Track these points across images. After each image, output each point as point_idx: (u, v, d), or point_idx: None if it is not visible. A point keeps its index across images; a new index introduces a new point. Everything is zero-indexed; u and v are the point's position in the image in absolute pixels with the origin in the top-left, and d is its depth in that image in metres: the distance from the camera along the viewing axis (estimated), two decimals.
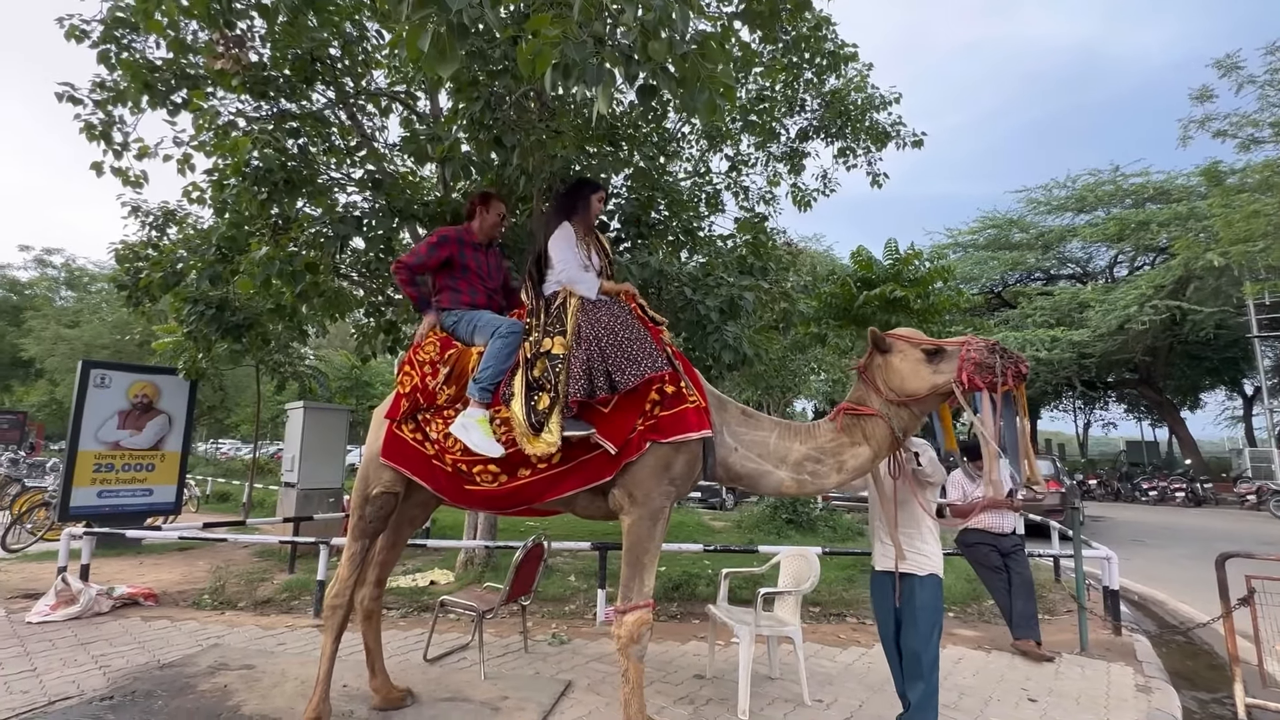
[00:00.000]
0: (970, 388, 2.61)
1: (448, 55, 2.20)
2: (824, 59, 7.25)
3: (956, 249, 27.15)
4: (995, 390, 2.55)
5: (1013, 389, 2.60)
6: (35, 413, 24.68)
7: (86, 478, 8.04)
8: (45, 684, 3.69)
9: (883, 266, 7.66)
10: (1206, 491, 18.86)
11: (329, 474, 8.38)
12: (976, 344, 2.66)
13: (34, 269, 29.88)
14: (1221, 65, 13.27)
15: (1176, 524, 13.95)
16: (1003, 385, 2.57)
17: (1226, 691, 3.98)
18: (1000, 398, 2.56)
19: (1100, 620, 5.29)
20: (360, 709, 3.36)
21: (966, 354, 2.64)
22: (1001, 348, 2.63)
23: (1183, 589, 6.97)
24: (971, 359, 2.62)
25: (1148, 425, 33.32)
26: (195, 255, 5.78)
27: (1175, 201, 21.11)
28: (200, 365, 8.29)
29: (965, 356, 2.64)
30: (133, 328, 14.39)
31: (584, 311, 2.98)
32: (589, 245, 3.24)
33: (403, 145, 4.97)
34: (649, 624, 2.72)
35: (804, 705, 3.52)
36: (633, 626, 2.67)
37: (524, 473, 2.83)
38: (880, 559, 3.11)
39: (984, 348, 2.63)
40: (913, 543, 3.02)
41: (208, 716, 3.23)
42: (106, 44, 5.04)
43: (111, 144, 5.42)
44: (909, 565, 2.99)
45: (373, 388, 24.04)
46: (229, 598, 5.72)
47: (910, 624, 2.93)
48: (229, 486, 16.60)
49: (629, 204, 5.96)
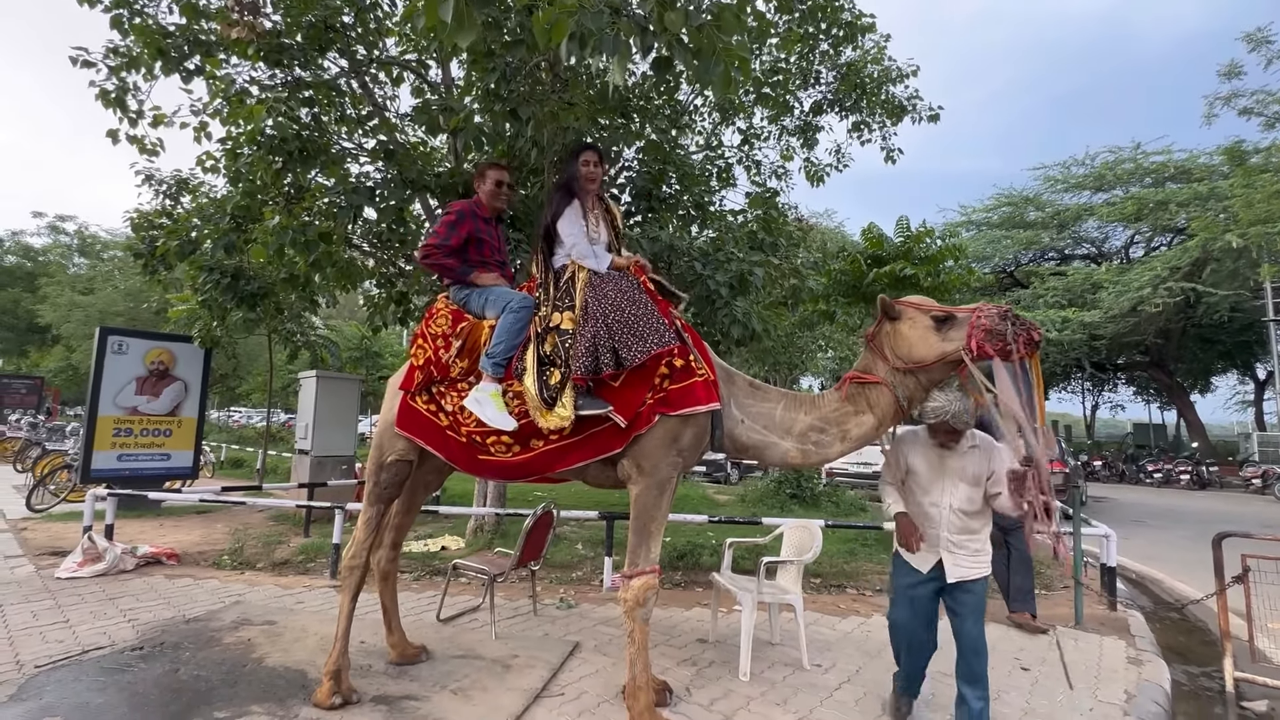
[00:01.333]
0: (979, 355, 2.55)
1: (466, 24, 2.21)
2: (841, 29, 7.12)
3: (970, 227, 26.80)
4: (1008, 358, 2.49)
5: (1025, 357, 2.53)
6: (52, 378, 25.08)
7: (106, 442, 8.24)
8: (78, 634, 3.87)
9: (893, 244, 7.61)
10: (1212, 475, 18.86)
11: (341, 442, 8.54)
12: (988, 311, 2.60)
13: (47, 235, 30.07)
14: (1251, 39, 12.88)
15: (1179, 506, 14.00)
16: (1017, 354, 2.50)
17: (1217, 666, 4.07)
18: (1016, 366, 2.51)
19: (1097, 596, 5.39)
20: (378, 663, 3.51)
21: (977, 321, 2.58)
22: (1014, 314, 2.56)
23: (1180, 569, 7.06)
24: (982, 326, 2.56)
25: (1156, 408, 33.18)
26: (210, 224, 5.84)
27: (1196, 181, 20.68)
28: (215, 333, 8.42)
29: (975, 323, 2.58)
30: (149, 295, 14.54)
31: (591, 286, 2.99)
32: (596, 216, 3.24)
33: (415, 116, 4.97)
34: (655, 589, 2.80)
35: (803, 669, 3.65)
36: (639, 591, 2.75)
37: (536, 444, 2.91)
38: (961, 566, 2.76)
39: (995, 314, 2.57)
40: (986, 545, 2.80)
41: (234, 667, 3.39)
42: (119, 8, 5.04)
43: (127, 111, 5.45)
44: (981, 567, 2.77)
45: (382, 358, 24.24)
46: (248, 558, 5.91)
47: (975, 621, 2.73)
48: (242, 453, 16.92)
49: (640, 177, 5.95)
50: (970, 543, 2.76)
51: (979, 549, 2.77)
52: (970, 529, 2.75)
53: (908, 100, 7.71)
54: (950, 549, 2.75)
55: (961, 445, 2.78)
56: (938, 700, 3.33)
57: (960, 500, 2.75)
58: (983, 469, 2.74)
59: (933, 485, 2.81)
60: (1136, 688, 3.61)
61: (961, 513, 2.74)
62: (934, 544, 2.78)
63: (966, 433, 2.77)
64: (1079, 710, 3.30)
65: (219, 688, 3.14)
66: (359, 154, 5.58)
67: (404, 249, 6.55)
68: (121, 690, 3.09)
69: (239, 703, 2.98)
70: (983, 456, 2.75)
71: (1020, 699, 3.41)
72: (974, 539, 2.76)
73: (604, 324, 2.84)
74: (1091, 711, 3.29)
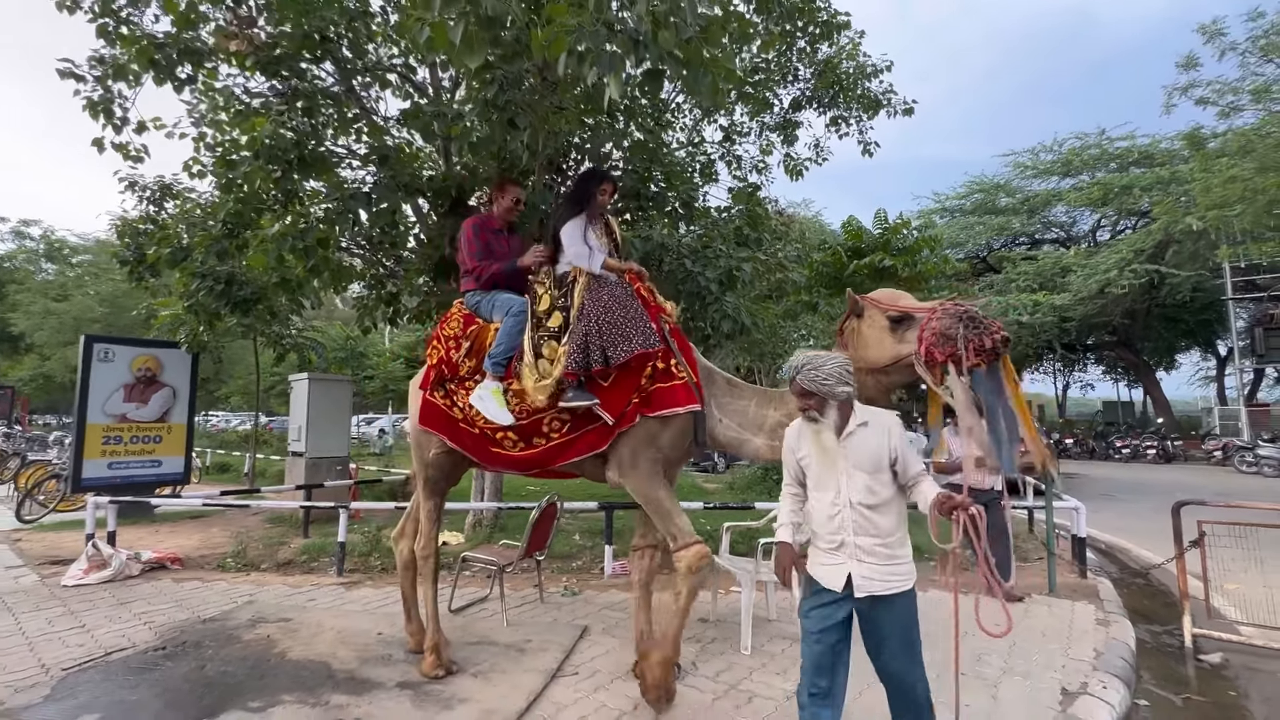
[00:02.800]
0: (928, 360, 2.36)
1: (476, 47, 2.35)
2: (817, 28, 7.32)
3: (944, 214, 27.37)
4: (959, 366, 2.26)
5: (979, 364, 2.29)
6: (22, 387, 24.47)
7: (96, 450, 8.21)
8: (97, 638, 3.96)
9: (872, 235, 7.89)
10: (1176, 449, 19.68)
11: (335, 443, 8.60)
12: (944, 311, 2.39)
13: (10, 241, 29.17)
14: (1205, 30, 13.36)
15: (1146, 479, 14.64)
16: (967, 360, 2.25)
17: (1178, 624, 4.41)
18: (969, 372, 2.29)
19: (1068, 565, 5.74)
20: (397, 652, 3.67)
21: (928, 322, 2.39)
22: (971, 315, 2.33)
23: (1145, 538, 7.47)
24: (932, 328, 2.36)
25: (1124, 386, 34.31)
26: (199, 230, 5.86)
27: (1159, 165, 21.41)
28: (202, 338, 8.40)
29: (926, 325, 2.39)
30: (133, 301, 14.35)
31: (590, 289, 3.18)
32: (598, 230, 3.44)
33: (406, 120, 5.06)
34: (707, 556, 2.95)
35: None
36: (692, 559, 2.90)
37: (539, 441, 3.15)
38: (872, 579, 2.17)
39: (950, 315, 2.35)
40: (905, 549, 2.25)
41: (258, 662, 3.53)
42: (104, 17, 5.03)
43: (112, 119, 5.44)
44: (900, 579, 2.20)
45: (368, 358, 24.09)
46: (251, 560, 6.00)
47: (905, 656, 2.24)
48: (228, 458, 16.77)
49: (628, 177, 6.10)
50: (880, 546, 2.18)
51: (894, 554, 2.18)
52: (877, 529, 2.19)
53: (883, 95, 7.95)
54: (858, 556, 2.18)
55: (849, 424, 2.26)
56: None
57: (859, 492, 2.19)
58: (881, 451, 2.21)
59: (827, 478, 2.27)
60: (1105, 646, 3.92)
61: (864, 508, 2.19)
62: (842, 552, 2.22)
63: (854, 408, 2.28)
64: (1053, 668, 3.59)
65: (247, 681, 3.28)
66: (351, 159, 5.66)
67: (394, 250, 6.63)
68: (153, 687, 3.21)
69: (270, 693, 3.13)
70: (877, 435, 2.24)
71: (999, 660, 3.69)
72: (884, 542, 2.18)
73: (596, 324, 3.03)
74: (1064, 668, 3.59)
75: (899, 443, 2.23)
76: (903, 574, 2.20)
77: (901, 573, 2.20)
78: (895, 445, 2.22)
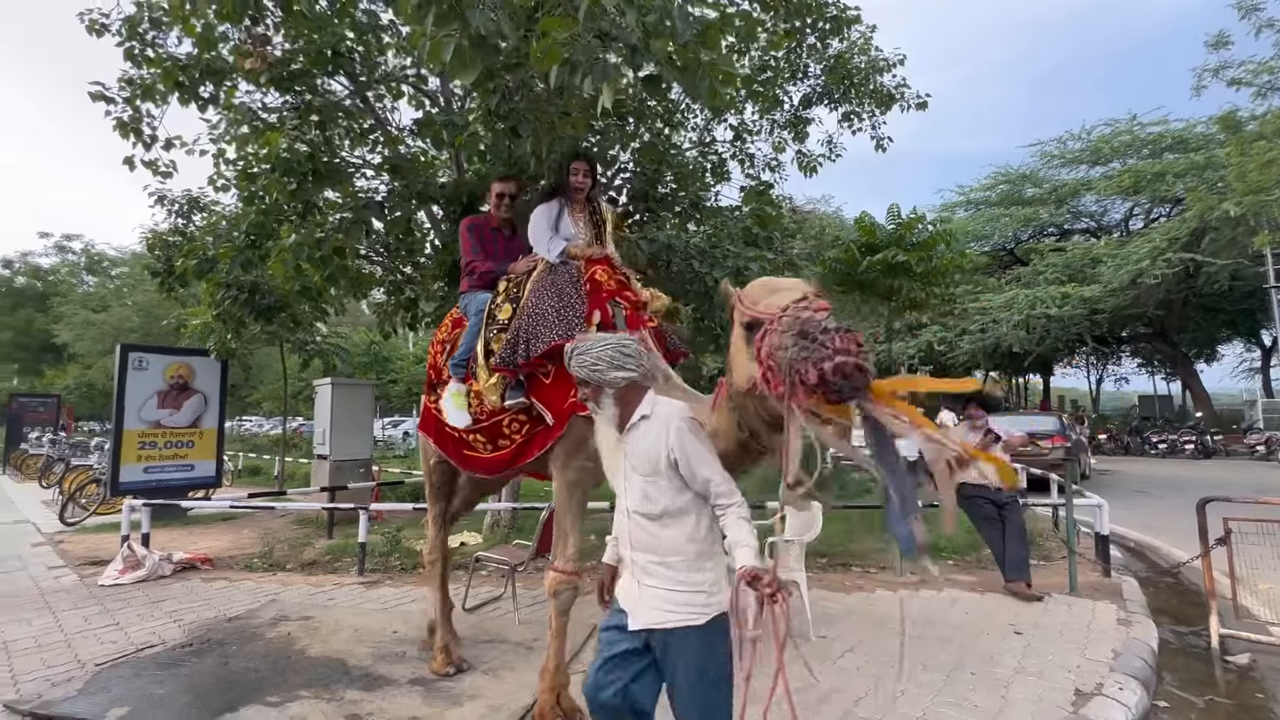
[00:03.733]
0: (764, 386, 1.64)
1: (468, 64, 2.42)
2: (826, 23, 7.27)
3: (968, 206, 26.85)
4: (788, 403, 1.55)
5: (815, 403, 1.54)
6: (67, 395, 25.52)
7: (133, 455, 8.54)
8: (130, 635, 4.15)
9: (886, 231, 7.81)
10: (1216, 443, 18.98)
11: (358, 446, 8.82)
12: (790, 317, 1.61)
13: (55, 255, 30.47)
14: (1241, 6, 12.90)
15: (1182, 475, 14.16)
16: (789, 395, 1.53)
17: (1205, 624, 4.28)
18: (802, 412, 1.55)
19: (1092, 564, 5.61)
20: (411, 650, 3.77)
21: (764, 336, 1.65)
22: (809, 325, 1.55)
23: (1176, 535, 7.24)
24: (768, 345, 1.62)
25: (1161, 380, 33.23)
26: (224, 242, 6.08)
27: (1194, 150, 20.69)
28: (230, 345, 8.69)
29: (763, 339, 1.65)
30: (165, 311, 14.93)
31: (538, 280, 3.07)
32: (578, 215, 3.32)
33: (419, 130, 5.18)
34: (568, 583, 2.76)
35: (809, 640, 3.89)
36: (553, 581, 2.75)
37: (503, 442, 3.12)
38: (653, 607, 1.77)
39: (787, 325, 1.59)
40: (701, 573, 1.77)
41: (279, 658, 3.66)
42: (131, 40, 5.26)
43: (141, 138, 5.68)
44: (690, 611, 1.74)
45: (391, 363, 24.57)
46: (277, 560, 6.19)
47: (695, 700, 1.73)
48: (259, 461, 17.25)
49: (636, 178, 6.14)
50: (660, 567, 1.76)
51: (680, 579, 1.74)
52: (658, 544, 1.77)
53: (895, 89, 7.86)
54: (638, 576, 1.81)
55: (634, 416, 1.89)
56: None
57: (635, 498, 1.82)
58: (657, 450, 1.79)
59: (616, 480, 1.91)
60: (1124, 646, 3.84)
61: (640, 518, 1.81)
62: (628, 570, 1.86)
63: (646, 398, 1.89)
64: (1067, 668, 3.53)
65: (268, 677, 3.40)
66: (365, 169, 5.81)
67: (411, 257, 6.78)
68: (179, 682, 3.35)
69: (288, 689, 3.24)
70: (656, 431, 1.82)
71: (1013, 660, 3.63)
72: (665, 562, 1.76)
73: (528, 317, 2.92)
74: (1079, 669, 3.52)
75: (680, 441, 1.75)
76: (695, 605, 1.72)
77: (693, 603, 1.72)
78: (674, 444, 1.75)
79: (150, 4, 4.76)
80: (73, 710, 3.04)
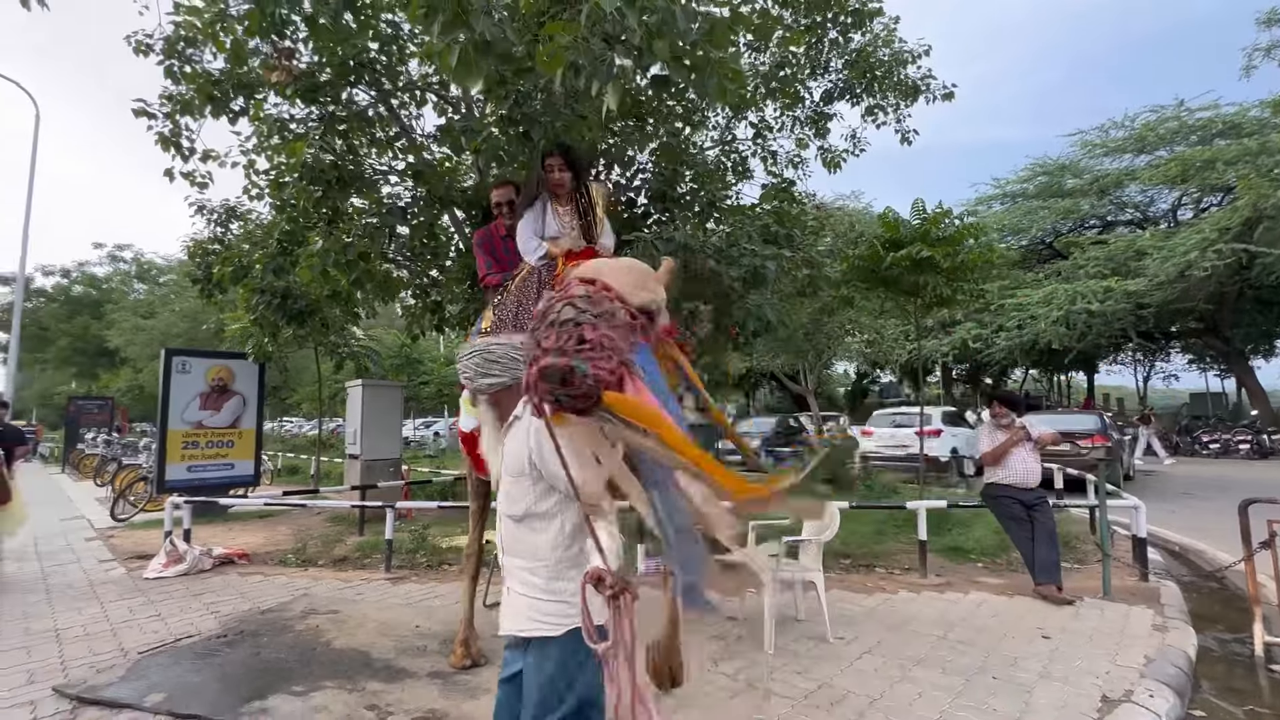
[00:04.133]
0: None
1: (474, 70, 2.48)
2: (847, 17, 7.17)
3: (1004, 199, 26.05)
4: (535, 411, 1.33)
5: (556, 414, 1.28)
6: (120, 397, 26.78)
7: (177, 455, 8.93)
8: (170, 626, 4.35)
9: (910, 226, 7.65)
10: (1274, 443, 18.06)
11: (388, 446, 9.04)
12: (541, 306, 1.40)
13: (108, 265, 32.00)
14: None
15: (1234, 476, 13.50)
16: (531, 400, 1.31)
17: (1249, 632, 4.10)
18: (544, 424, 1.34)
19: (1128, 568, 5.41)
20: (432, 644, 3.86)
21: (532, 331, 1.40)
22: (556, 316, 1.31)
23: (1221, 539, 6.92)
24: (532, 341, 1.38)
25: (1213, 376, 31.71)
26: (258, 249, 6.30)
27: (1246, 136, 19.68)
28: (267, 349, 9.02)
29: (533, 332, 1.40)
30: (207, 317, 15.59)
31: (517, 285, 3.16)
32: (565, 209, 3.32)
33: (439, 136, 5.30)
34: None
35: (826, 642, 3.85)
36: None
37: None
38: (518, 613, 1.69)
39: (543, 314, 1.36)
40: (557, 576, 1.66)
41: (306, 650, 3.79)
42: (170, 59, 5.51)
43: (180, 150, 5.94)
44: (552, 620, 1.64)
45: (422, 364, 25.09)
46: (310, 556, 6.40)
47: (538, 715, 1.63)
48: (297, 461, 17.82)
49: (655, 179, 6.15)
50: (525, 572, 1.69)
51: (546, 587, 1.65)
52: (525, 548, 1.70)
53: (920, 80, 7.70)
54: (509, 583, 1.75)
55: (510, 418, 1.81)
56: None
57: (503, 500, 1.76)
58: (522, 451, 1.69)
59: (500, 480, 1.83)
60: (1158, 652, 3.70)
61: (508, 519, 1.75)
62: None
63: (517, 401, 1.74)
64: (1095, 674, 3.42)
65: (295, 667, 3.53)
66: (390, 175, 5.96)
67: (436, 261, 6.93)
68: (213, 670, 3.51)
69: (313, 679, 3.36)
70: (521, 432, 1.71)
71: (1038, 664, 3.54)
72: (530, 567, 1.68)
73: (496, 324, 3.02)
74: (1108, 675, 3.41)
75: (538, 439, 1.62)
76: (555, 615, 1.62)
77: (554, 613, 1.62)
78: (533, 443, 1.64)
79: (187, 23, 4.97)
80: (115, 695, 3.21)
